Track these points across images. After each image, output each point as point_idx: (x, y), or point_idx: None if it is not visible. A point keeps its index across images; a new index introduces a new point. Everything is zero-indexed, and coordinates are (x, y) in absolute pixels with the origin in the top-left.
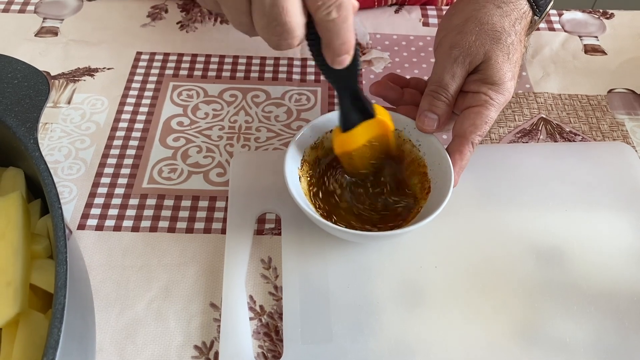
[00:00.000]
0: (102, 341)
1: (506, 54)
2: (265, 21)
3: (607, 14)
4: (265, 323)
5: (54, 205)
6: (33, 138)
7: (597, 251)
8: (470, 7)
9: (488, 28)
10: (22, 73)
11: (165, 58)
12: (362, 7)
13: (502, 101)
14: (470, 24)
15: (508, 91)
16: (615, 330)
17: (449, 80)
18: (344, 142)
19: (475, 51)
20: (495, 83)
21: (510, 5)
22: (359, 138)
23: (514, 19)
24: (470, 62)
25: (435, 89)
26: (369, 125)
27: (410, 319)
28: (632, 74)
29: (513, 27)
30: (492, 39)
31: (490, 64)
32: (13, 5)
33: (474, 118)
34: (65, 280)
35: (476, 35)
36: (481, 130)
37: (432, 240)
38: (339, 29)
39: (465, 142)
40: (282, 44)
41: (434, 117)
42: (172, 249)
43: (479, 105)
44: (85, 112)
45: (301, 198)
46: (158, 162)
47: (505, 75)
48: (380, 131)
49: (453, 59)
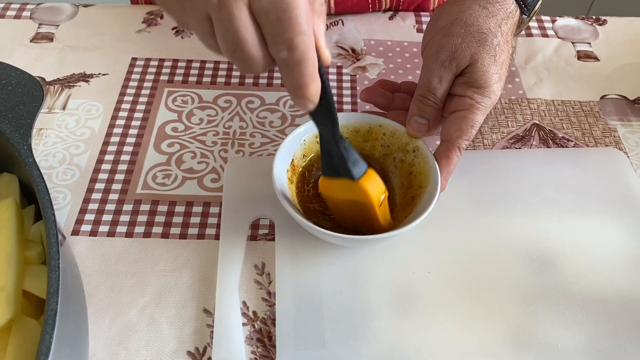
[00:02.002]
0: (95, 347)
1: (492, 55)
2: (226, 46)
3: (600, 20)
4: (258, 329)
5: (47, 211)
6: (27, 144)
7: (589, 256)
8: (455, 9)
9: (474, 30)
10: (16, 79)
11: (161, 64)
12: (355, 11)
13: (489, 104)
14: (456, 26)
15: (494, 94)
16: (606, 335)
17: (437, 84)
18: (325, 186)
19: (462, 54)
20: (481, 86)
21: (497, 6)
22: (340, 192)
23: (500, 19)
24: (457, 65)
25: (423, 93)
26: (351, 185)
27: (404, 325)
28: (624, 80)
29: (499, 28)
30: (478, 41)
31: (477, 66)
32: (9, 11)
33: (459, 123)
34: (58, 287)
35: (462, 37)
36: (467, 134)
37: (425, 246)
38: (292, 71)
39: (452, 147)
40: (246, 70)
41: (423, 122)
42: (165, 254)
43: (465, 109)
44: (80, 117)
45: (288, 201)
46: (152, 168)
47: (492, 78)
48: (362, 200)
49: (440, 63)
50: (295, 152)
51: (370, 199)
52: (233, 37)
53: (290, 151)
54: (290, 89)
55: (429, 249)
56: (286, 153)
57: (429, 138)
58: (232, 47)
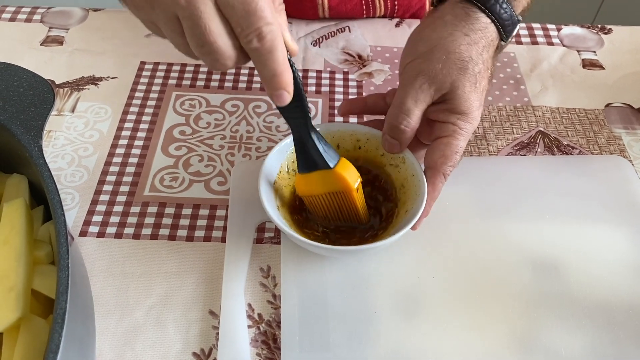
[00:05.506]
0: (102, 347)
1: (473, 83)
2: (194, 41)
3: (606, 29)
4: (263, 331)
5: (57, 212)
6: (37, 146)
7: (593, 263)
8: (436, 35)
9: (455, 57)
10: (27, 82)
11: (169, 68)
12: (350, 15)
13: (471, 130)
14: (437, 52)
15: (476, 120)
16: (610, 342)
17: (411, 106)
18: (302, 184)
19: (442, 80)
20: (463, 112)
21: (479, 33)
22: (317, 186)
23: (482, 47)
24: (436, 90)
25: (396, 113)
26: (328, 176)
27: (407, 329)
28: (629, 89)
29: (480, 56)
30: (459, 69)
31: (458, 93)
32: (20, 14)
33: (443, 149)
34: (67, 286)
35: (443, 63)
36: (452, 160)
37: (429, 251)
38: (264, 60)
39: (437, 174)
40: (215, 65)
41: (394, 142)
42: (172, 256)
43: (448, 135)
44: (88, 120)
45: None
46: (160, 171)
47: (473, 104)
48: (340, 188)
49: (418, 86)
50: (282, 163)
51: (348, 184)
52: (200, 31)
53: (278, 161)
54: (266, 79)
55: (433, 253)
56: (274, 162)
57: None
58: (200, 41)
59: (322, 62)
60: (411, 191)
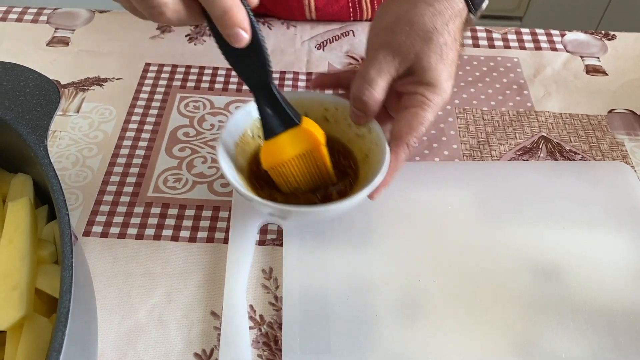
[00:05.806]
0: (104, 346)
1: (439, 54)
2: None
3: (609, 35)
4: (264, 333)
5: (61, 211)
6: (43, 145)
7: (594, 268)
8: (401, 8)
9: (418, 28)
10: (33, 82)
11: (173, 70)
12: (336, 18)
13: (439, 102)
14: (400, 24)
15: (445, 92)
16: (610, 347)
17: (375, 76)
18: (269, 153)
19: (406, 51)
20: (430, 84)
21: (444, 3)
22: (285, 150)
23: (447, 17)
24: (400, 62)
25: (360, 84)
26: (295, 135)
27: (409, 332)
28: (632, 95)
29: (446, 26)
30: (422, 39)
31: (423, 65)
32: (26, 15)
33: (409, 119)
34: (71, 285)
35: (406, 35)
36: (417, 131)
37: (431, 255)
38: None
39: (401, 144)
40: (156, 15)
41: (359, 113)
42: (175, 257)
43: (416, 106)
44: (93, 121)
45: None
46: (163, 172)
47: (440, 75)
48: (309, 144)
49: (382, 57)
50: (246, 128)
51: (317, 138)
52: None
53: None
54: (218, 18)
55: (435, 257)
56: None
57: None
58: None
59: (326, 66)
60: (374, 161)
